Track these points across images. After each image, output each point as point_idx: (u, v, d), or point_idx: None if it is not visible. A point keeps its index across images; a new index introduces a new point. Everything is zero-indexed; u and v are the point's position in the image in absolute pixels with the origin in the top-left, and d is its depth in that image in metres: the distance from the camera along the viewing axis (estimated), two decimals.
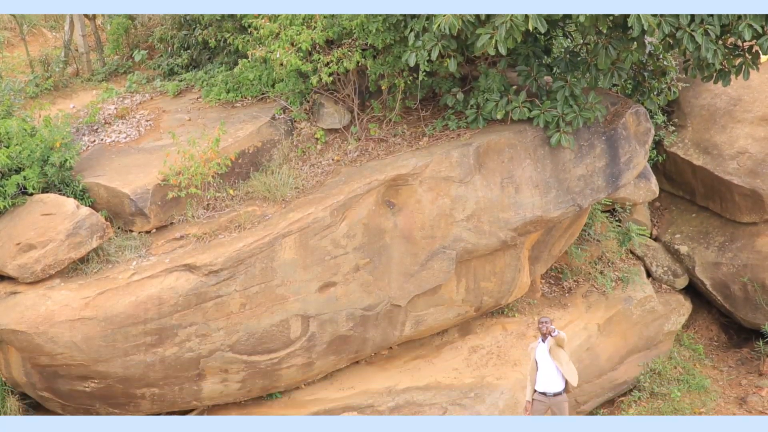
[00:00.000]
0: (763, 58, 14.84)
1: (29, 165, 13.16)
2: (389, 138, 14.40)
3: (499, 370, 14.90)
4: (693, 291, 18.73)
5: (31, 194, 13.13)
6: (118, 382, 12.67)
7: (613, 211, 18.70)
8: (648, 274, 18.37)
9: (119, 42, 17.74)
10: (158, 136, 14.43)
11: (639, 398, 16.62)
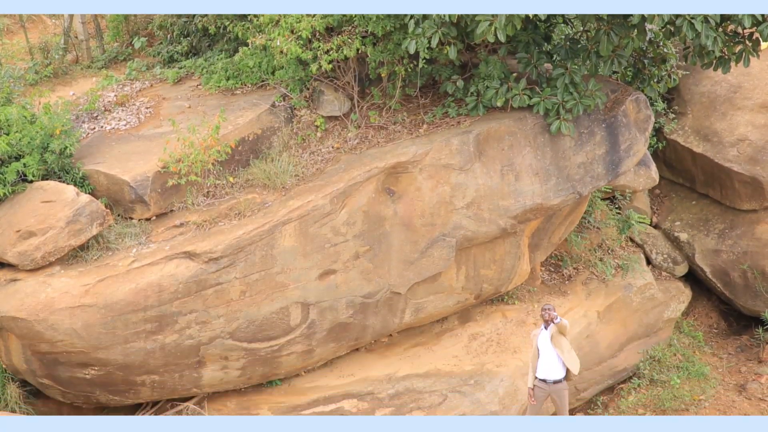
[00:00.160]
0: (764, 45, 14.79)
1: (29, 152, 13.15)
2: (389, 125, 14.38)
3: (499, 358, 14.92)
4: (693, 278, 18.75)
5: (31, 181, 13.13)
6: (119, 370, 12.70)
7: (613, 199, 18.69)
8: (648, 262, 18.38)
9: (119, 29, 17.73)
10: (158, 124, 14.42)
11: (639, 385, 16.66)
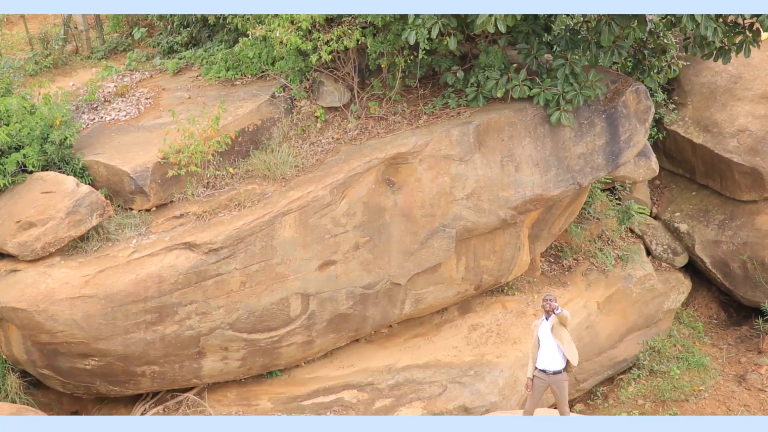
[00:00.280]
0: (764, 36, 14.79)
1: (29, 143, 13.15)
2: (389, 116, 14.37)
3: (499, 348, 14.94)
4: (693, 269, 18.76)
5: (31, 172, 13.13)
6: (119, 360, 12.72)
7: (613, 190, 18.69)
8: (648, 253, 18.39)
9: (119, 20, 17.69)
10: (158, 114, 14.41)
11: (638, 376, 16.70)
